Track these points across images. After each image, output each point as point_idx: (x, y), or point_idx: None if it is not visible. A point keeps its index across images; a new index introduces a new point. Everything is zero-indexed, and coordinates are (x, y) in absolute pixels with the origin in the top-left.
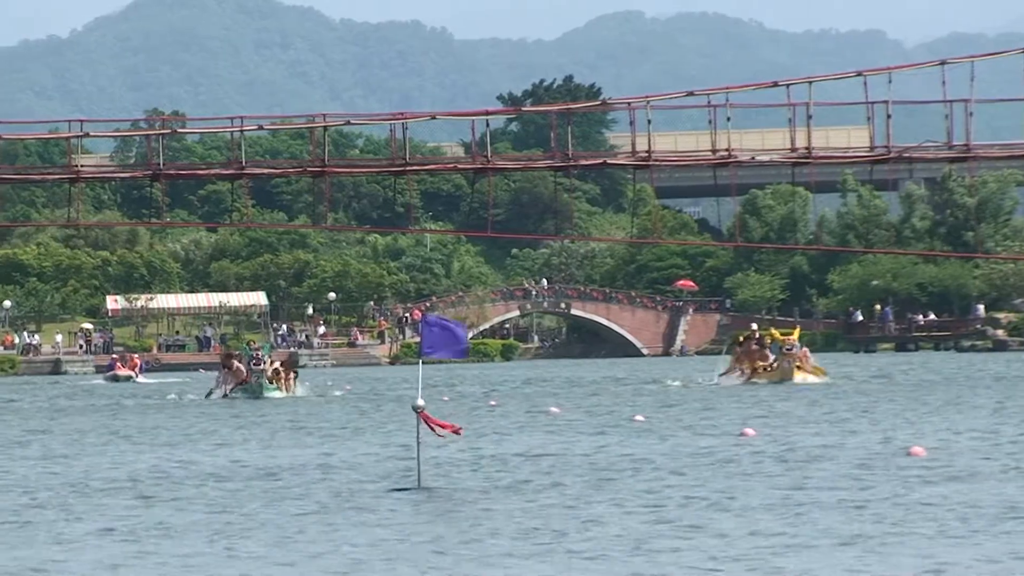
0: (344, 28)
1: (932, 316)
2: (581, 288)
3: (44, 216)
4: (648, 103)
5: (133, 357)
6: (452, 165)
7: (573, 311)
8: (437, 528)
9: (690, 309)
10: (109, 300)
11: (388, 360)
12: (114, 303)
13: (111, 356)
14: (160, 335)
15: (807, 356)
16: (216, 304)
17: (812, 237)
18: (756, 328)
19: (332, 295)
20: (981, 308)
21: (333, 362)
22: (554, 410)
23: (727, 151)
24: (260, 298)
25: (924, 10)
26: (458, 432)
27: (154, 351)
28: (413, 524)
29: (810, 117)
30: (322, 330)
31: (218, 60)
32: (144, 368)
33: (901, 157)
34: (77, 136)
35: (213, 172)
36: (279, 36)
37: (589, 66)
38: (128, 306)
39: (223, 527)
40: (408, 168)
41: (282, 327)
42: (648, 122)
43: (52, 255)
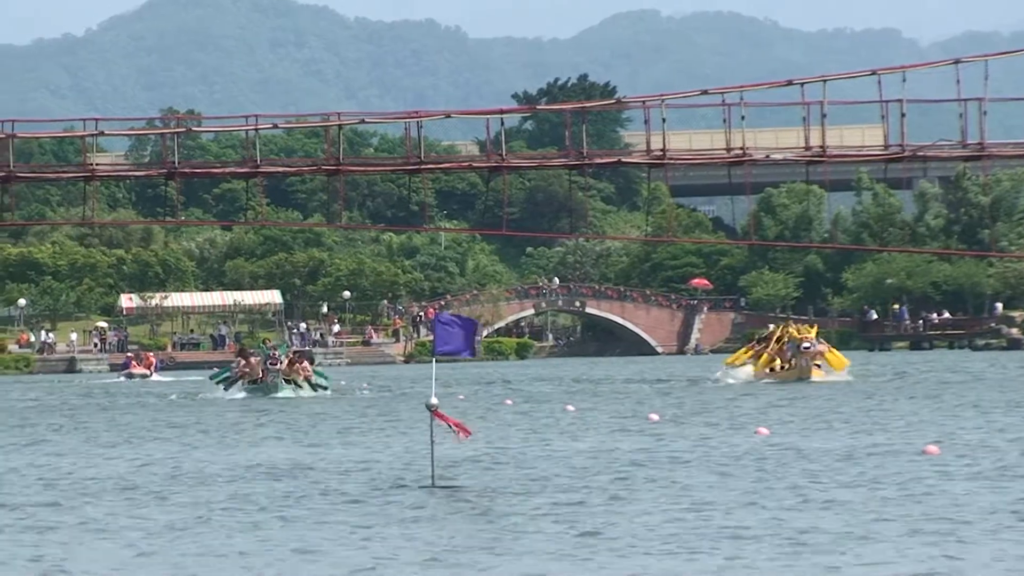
0: (359, 27)
1: (947, 315)
2: (596, 286)
3: (59, 215)
4: (663, 102)
5: (148, 355)
6: (467, 164)
7: (588, 309)
8: (450, 527)
9: (705, 307)
10: (124, 298)
11: (403, 358)
12: (129, 301)
13: (126, 354)
14: (175, 333)
15: (828, 348)
16: (231, 303)
17: (827, 236)
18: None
19: (347, 293)
20: (999, 306)
21: (348, 360)
22: (569, 408)
23: (742, 150)
24: (275, 296)
25: (939, 9)
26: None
27: (169, 349)
28: (426, 523)
29: (824, 116)
30: (337, 328)
31: (233, 59)
32: (159, 367)
33: (915, 156)
34: (92, 135)
35: (228, 171)
36: (294, 35)
37: (604, 65)
38: (143, 304)
39: (236, 525)
40: (423, 167)
41: (300, 325)
42: (663, 121)
43: (67, 254)
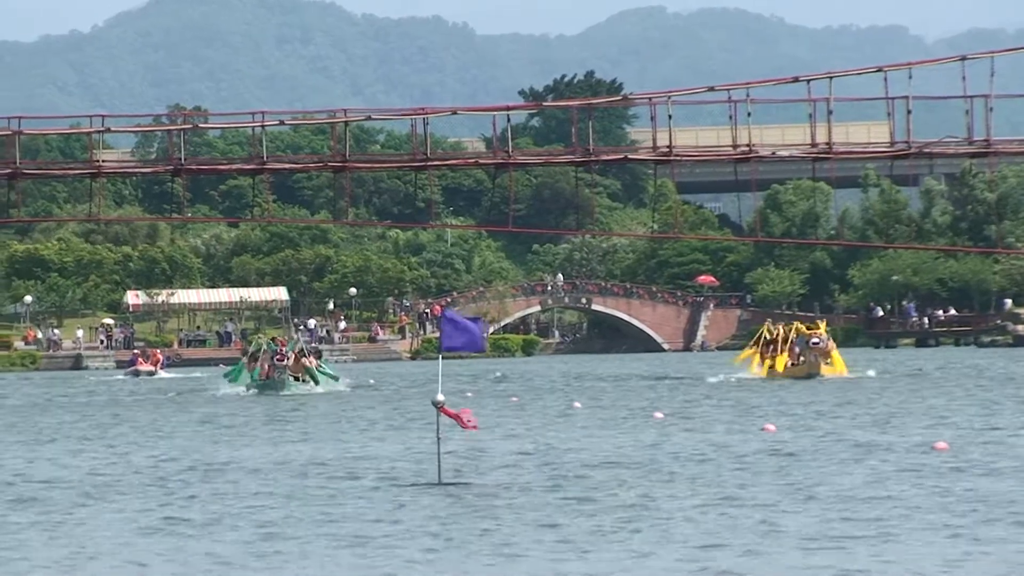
0: (365, 23)
1: (952, 311)
2: (602, 283)
3: (65, 211)
4: (669, 98)
5: (155, 352)
6: (473, 160)
7: (594, 306)
8: (455, 523)
9: (711, 304)
10: (130, 295)
11: (409, 355)
12: (135, 298)
13: (132, 351)
14: (181, 330)
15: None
16: (237, 299)
17: (833, 232)
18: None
19: (353, 290)
20: (1009, 302)
21: (354, 357)
22: (576, 405)
23: (748, 146)
24: (281, 293)
25: (945, 6)
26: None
27: (175, 346)
28: (432, 520)
29: (830, 112)
30: (343, 325)
31: (239, 55)
32: (166, 363)
33: (921, 152)
34: (98, 131)
35: (234, 167)
36: (300, 31)
37: (611, 61)
38: (149, 301)
39: (240, 522)
40: (429, 163)
41: (309, 322)
42: (669, 117)
43: (73, 250)
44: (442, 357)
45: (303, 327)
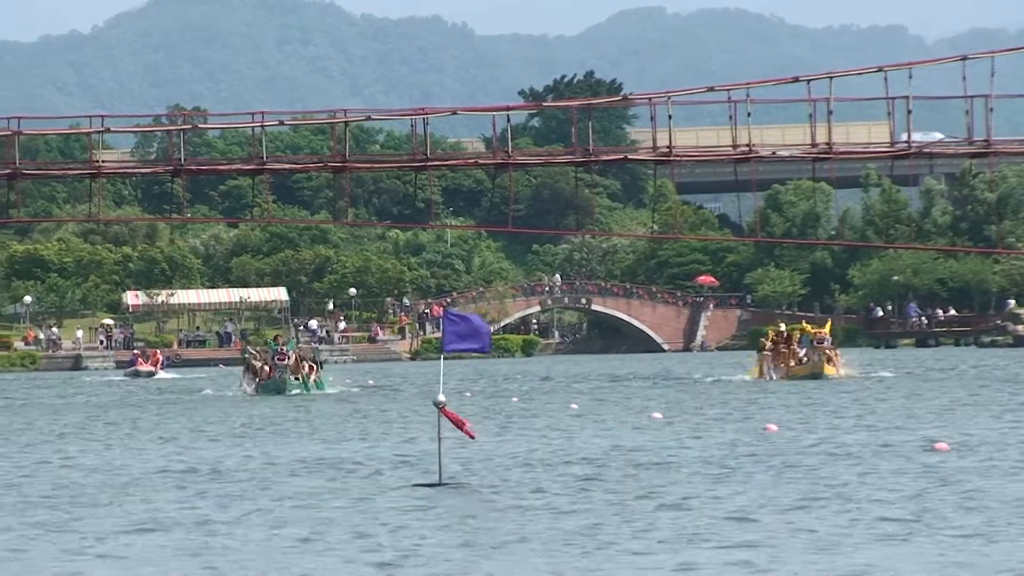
0: (365, 24)
1: (952, 312)
2: (602, 283)
3: (65, 212)
4: (669, 98)
5: (155, 353)
6: (473, 161)
7: (594, 306)
8: (458, 523)
9: (710, 305)
10: (129, 295)
11: (408, 356)
12: (135, 299)
13: (132, 352)
14: (180, 331)
15: (837, 355)
16: (237, 299)
17: (834, 232)
18: (784, 327)
19: (353, 291)
20: (1012, 302)
21: (353, 357)
22: (573, 406)
23: (748, 146)
24: (281, 293)
25: (945, 6)
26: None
27: (174, 347)
28: (433, 520)
29: (831, 112)
30: (342, 325)
31: (239, 56)
32: (165, 364)
33: (921, 152)
34: (98, 132)
35: (234, 168)
36: (300, 32)
37: (611, 62)
38: (149, 302)
39: (240, 522)
40: (429, 163)
41: (311, 323)
42: (669, 117)
43: (73, 251)
44: (444, 357)
45: (304, 327)
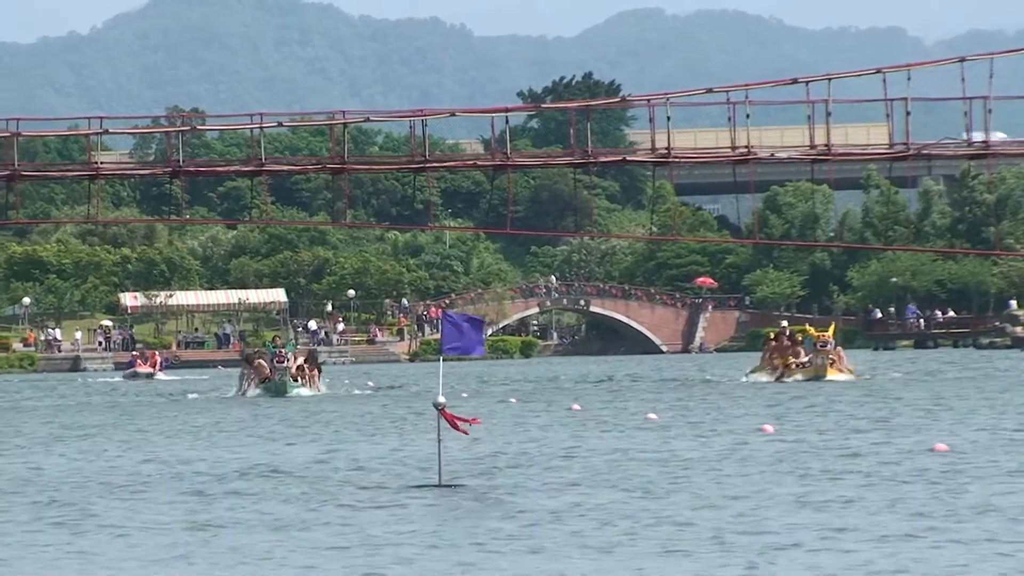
0: (363, 25)
1: (951, 313)
2: (600, 285)
3: (63, 213)
4: (667, 100)
5: (154, 354)
6: (471, 162)
7: (592, 308)
8: (456, 525)
9: (709, 306)
10: (128, 296)
11: (407, 357)
12: (133, 300)
13: (131, 353)
14: (179, 332)
15: (842, 357)
16: (235, 301)
17: (832, 234)
18: (786, 325)
19: (351, 292)
20: (1014, 303)
21: (352, 359)
22: (575, 407)
23: (746, 148)
24: (279, 295)
25: (944, 7)
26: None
27: (173, 348)
28: (432, 522)
29: (829, 114)
30: (341, 327)
31: (238, 57)
32: (164, 365)
33: (920, 154)
34: (97, 133)
35: (232, 169)
36: (299, 33)
37: (609, 63)
38: (147, 303)
39: (240, 524)
40: (427, 165)
41: (310, 324)
42: (668, 119)
43: (71, 252)
44: (443, 359)
45: (303, 329)
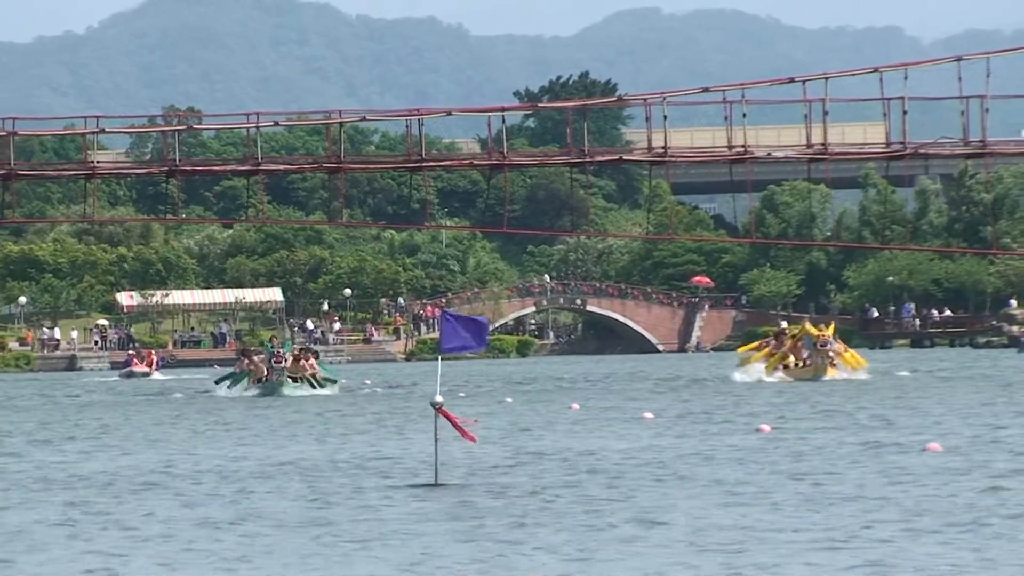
0: (360, 24)
1: (948, 312)
2: (597, 284)
3: (60, 212)
4: (664, 99)
5: (151, 353)
6: (468, 161)
7: (589, 307)
8: (454, 525)
9: (706, 305)
10: (124, 296)
11: (404, 356)
12: (129, 299)
13: (127, 352)
14: (175, 331)
15: (845, 348)
16: (232, 300)
17: (829, 234)
18: (786, 326)
19: (348, 291)
20: (1014, 302)
21: (348, 358)
22: (574, 407)
23: (743, 147)
24: (276, 294)
25: (941, 7)
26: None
27: (169, 347)
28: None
29: (826, 113)
30: (337, 326)
31: (234, 56)
32: (160, 364)
33: (917, 153)
34: (93, 132)
35: (229, 168)
36: (295, 32)
37: (606, 62)
38: (143, 302)
39: (234, 524)
40: (424, 164)
41: (307, 323)
42: (664, 118)
43: (68, 251)
44: (441, 358)
45: (299, 328)
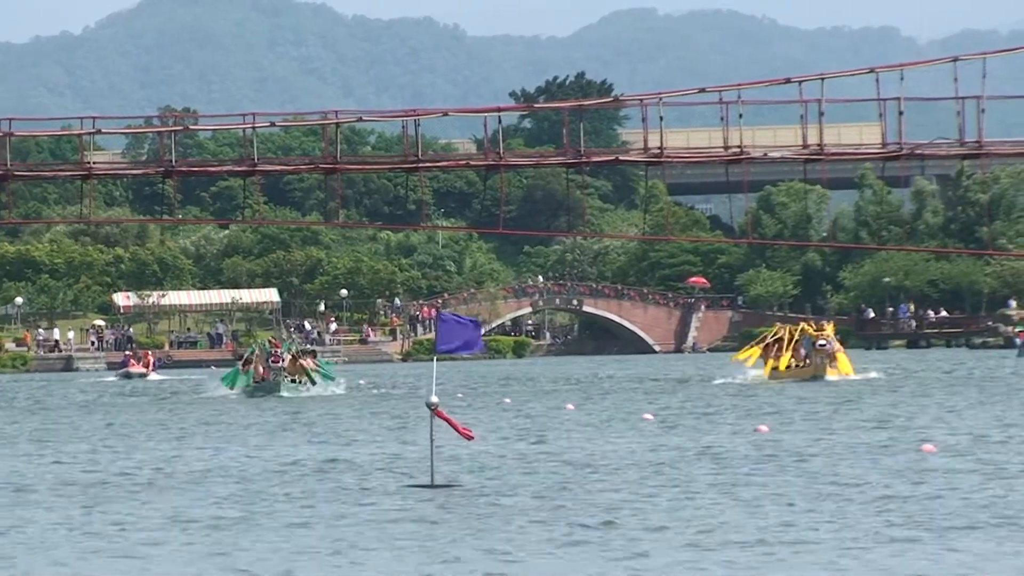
0: (357, 25)
1: (944, 313)
2: (593, 285)
3: (56, 213)
4: (660, 100)
5: (147, 354)
6: (464, 162)
7: (585, 308)
8: (449, 525)
9: (702, 306)
10: (120, 296)
11: (400, 357)
12: (125, 300)
13: (124, 353)
14: (172, 332)
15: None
16: (228, 300)
17: (825, 235)
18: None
19: (344, 292)
20: (1013, 303)
21: (345, 359)
22: (569, 407)
23: (739, 148)
24: (272, 295)
25: (937, 7)
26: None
27: (166, 348)
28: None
29: (822, 114)
30: (334, 327)
31: (231, 57)
32: (157, 365)
33: (913, 154)
34: (89, 133)
35: (225, 169)
36: (292, 33)
37: (603, 63)
38: (140, 303)
39: (231, 524)
40: (420, 165)
41: (305, 323)
42: (660, 119)
43: (64, 252)
44: (436, 359)
45: (295, 328)
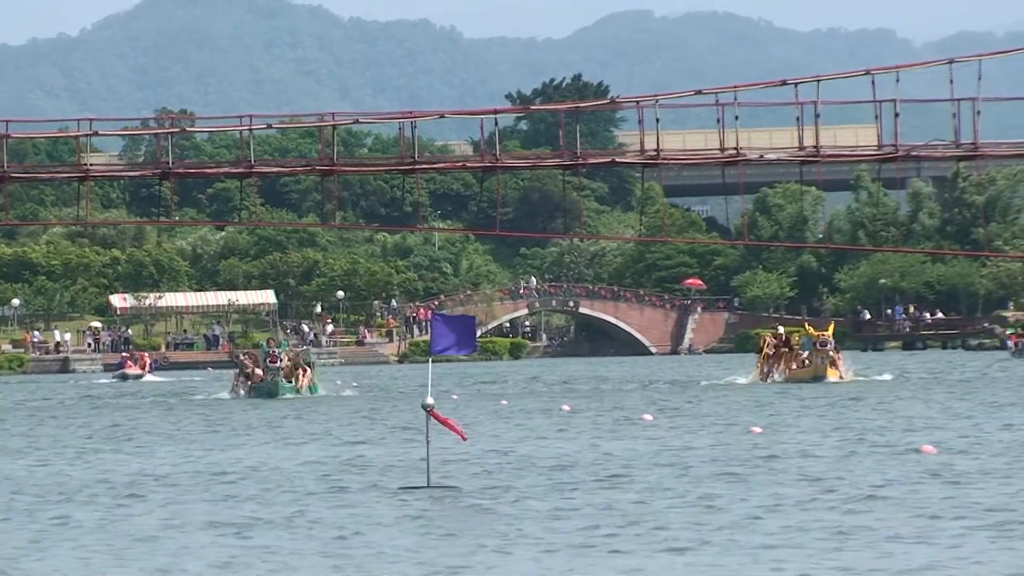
0: (353, 27)
1: (940, 314)
2: (589, 286)
3: (53, 214)
4: (656, 102)
5: (143, 355)
6: (461, 164)
7: (581, 309)
8: (445, 528)
9: (698, 307)
10: (117, 298)
11: (396, 358)
12: (122, 301)
13: (121, 354)
14: (169, 333)
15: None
16: (225, 302)
17: (821, 236)
18: (782, 331)
19: (340, 293)
20: (1011, 304)
21: (341, 360)
22: (565, 408)
23: (735, 149)
24: (269, 296)
25: (933, 9)
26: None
27: (163, 349)
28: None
29: (818, 116)
30: (330, 328)
31: (227, 59)
32: (154, 366)
33: (909, 156)
34: (86, 135)
35: (222, 171)
36: (288, 35)
37: (599, 64)
38: (136, 304)
39: (229, 525)
40: (417, 167)
41: (303, 325)
42: (657, 121)
43: (61, 253)
44: (432, 360)
45: (292, 330)
